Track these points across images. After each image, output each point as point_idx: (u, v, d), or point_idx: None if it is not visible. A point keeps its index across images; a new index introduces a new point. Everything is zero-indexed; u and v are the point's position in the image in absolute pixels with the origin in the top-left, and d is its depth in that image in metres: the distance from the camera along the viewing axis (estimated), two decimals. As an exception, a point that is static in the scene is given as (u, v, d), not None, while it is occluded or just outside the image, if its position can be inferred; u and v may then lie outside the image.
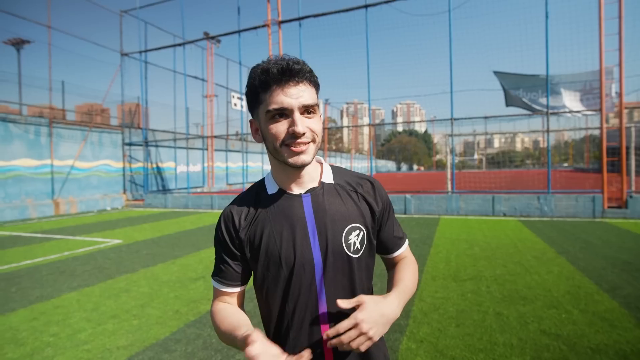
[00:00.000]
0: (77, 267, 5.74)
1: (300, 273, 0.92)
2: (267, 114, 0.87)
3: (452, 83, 11.86)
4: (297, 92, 0.86)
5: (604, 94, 9.99)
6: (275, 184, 0.99)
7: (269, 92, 0.87)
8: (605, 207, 9.72)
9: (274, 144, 0.89)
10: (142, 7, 17.23)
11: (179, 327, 3.41)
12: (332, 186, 1.00)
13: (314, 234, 0.93)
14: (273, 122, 0.87)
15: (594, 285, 4.25)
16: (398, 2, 12.21)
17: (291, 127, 0.86)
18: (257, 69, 0.89)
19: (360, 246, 0.97)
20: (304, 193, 0.97)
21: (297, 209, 0.95)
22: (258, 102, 0.90)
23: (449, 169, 12.53)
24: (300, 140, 0.87)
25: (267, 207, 0.97)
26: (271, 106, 0.86)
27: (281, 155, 0.89)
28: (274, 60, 0.89)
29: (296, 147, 0.87)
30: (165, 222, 10.86)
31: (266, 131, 0.89)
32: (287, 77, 0.86)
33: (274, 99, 0.86)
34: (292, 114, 0.86)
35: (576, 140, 49.37)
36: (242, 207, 1.00)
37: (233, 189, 22.85)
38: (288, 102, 0.85)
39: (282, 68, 0.86)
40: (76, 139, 15.25)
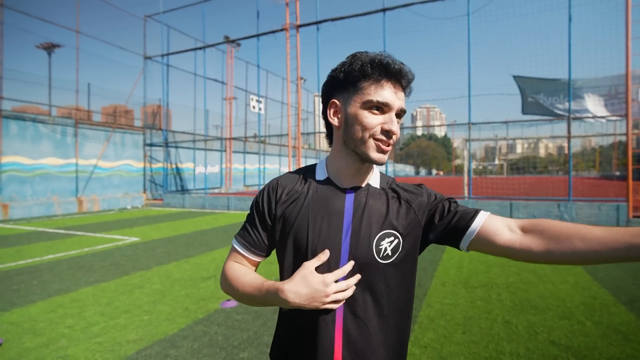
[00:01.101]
0: (95, 262, 5.94)
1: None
2: (366, 103, 0.88)
3: (470, 87, 11.68)
4: (401, 96, 0.91)
5: (630, 98, 9.62)
6: (325, 172, 1.00)
7: (378, 84, 0.88)
8: (630, 217, 9.34)
9: (362, 133, 0.89)
10: (165, 12, 17.75)
11: (187, 324, 3.50)
12: (377, 190, 1.00)
13: (347, 231, 0.92)
14: (369, 113, 0.89)
15: (610, 296, 4.10)
16: (416, 6, 12.14)
17: (387, 125, 0.88)
18: (368, 56, 0.90)
19: (391, 253, 0.92)
20: (349, 189, 0.97)
21: (338, 202, 0.95)
22: (355, 88, 0.90)
23: (466, 174, 12.32)
24: (390, 139, 0.90)
25: (311, 192, 0.97)
26: (376, 98, 0.87)
27: (364, 147, 0.90)
28: (387, 56, 0.90)
29: (385, 146, 0.89)
30: (182, 222, 11.11)
31: (357, 118, 0.89)
32: (400, 79, 0.89)
33: (381, 93, 0.87)
34: (391, 112, 0.89)
35: (604, 146, 47.65)
36: (287, 183, 1.01)
37: (250, 190, 23.13)
38: (393, 101, 0.88)
39: (402, 70, 0.89)
40: (100, 139, 15.80)
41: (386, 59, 0.89)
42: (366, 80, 0.88)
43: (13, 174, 12.67)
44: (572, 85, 10.70)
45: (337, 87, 0.94)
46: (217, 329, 3.40)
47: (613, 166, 37.60)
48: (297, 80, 14.81)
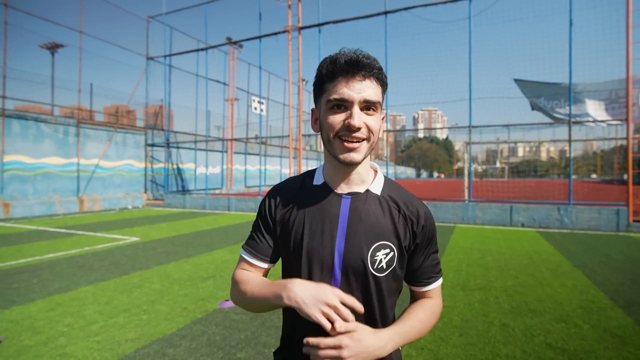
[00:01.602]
0: (95, 262, 5.97)
1: (317, 272, 0.90)
2: (327, 104, 0.87)
3: (471, 90, 11.70)
4: (361, 87, 0.85)
5: (631, 103, 9.63)
6: (322, 177, 0.99)
7: (334, 82, 0.86)
8: (630, 221, 9.33)
9: (328, 134, 0.88)
10: (167, 13, 17.83)
11: (185, 324, 3.52)
12: (377, 197, 0.96)
13: (341, 238, 0.90)
14: (331, 112, 0.87)
15: (608, 300, 4.11)
16: (418, 9, 12.19)
17: (347, 120, 0.85)
18: (327, 59, 0.89)
19: (385, 266, 0.91)
20: (345, 194, 0.94)
21: (334, 207, 0.93)
22: (322, 92, 0.90)
23: (467, 177, 12.32)
24: (355, 134, 0.85)
25: (307, 197, 0.97)
26: (332, 95, 0.85)
27: (333, 148, 0.88)
28: (345, 52, 0.88)
29: (349, 143, 0.86)
30: (182, 222, 11.13)
31: (323, 120, 0.89)
32: (354, 70, 0.85)
33: (336, 89, 0.85)
34: (352, 107, 0.85)
35: (605, 150, 47.58)
36: (286, 189, 1.01)
37: (251, 191, 23.16)
38: (349, 94, 0.84)
39: (351, 60, 0.85)
40: (101, 139, 15.86)
41: (339, 55, 0.87)
42: (328, 82, 0.88)
43: (15, 173, 12.73)
44: (572, 90, 10.71)
45: (315, 95, 0.94)
46: (215, 328, 3.41)
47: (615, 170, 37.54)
48: (298, 82, 14.85)
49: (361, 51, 0.88)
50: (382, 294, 0.92)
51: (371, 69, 0.86)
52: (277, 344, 3.10)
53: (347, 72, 0.85)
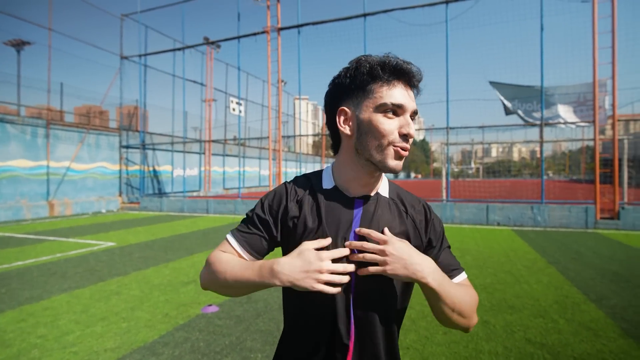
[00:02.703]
0: (68, 269, 5.73)
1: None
2: (378, 107, 0.84)
3: (448, 92, 11.99)
4: (413, 96, 0.87)
5: (597, 106, 10.11)
6: (332, 180, 0.95)
7: (389, 86, 0.84)
8: (598, 218, 9.79)
9: (379, 141, 0.84)
10: (143, 12, 17.37)
11: (167, 331, 3.42)
12: (386, 200, 0.95)
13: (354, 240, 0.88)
14: (385, 118, 0.84)
15: (581, 295, 4.29)
16: (396, 12, 12.37)
17: (404, 128, 0.83)
18: (375, 58, 0.85)
19: None
20: (357, 198, 0.92)
21: (346, 211, 0.91)
22: (365, 92, 0.86)
23: (444, 178, 12.60)
24: (408, 144, 0.85)
25: (318, 201, 0.92)
26: (390, 100, 0.83)
27: (382, 155, 0.85)
28: (395, 57, 0.86)
29: (403, 151, 0.85)
30: (159, 226, 10.85)
31: (372, 124, 0.84)
32: (411, 79, 0.85)
33: (394, 94, 0.83)
34: (405, 114, 0.84)
35: (573, 151, 49.75)
36: (295, 191, 0.96)
37: (230, 193, 22.84)
38: (408, 102, 0.84)
39: (412, 69, 0.85)
40: (73, 140, 15.25)
41: (395, 59, 0.86)
42: (376, 83, 0.84)
43: (-22, 177, 12.05)
44: (544, 92, 11.15)
45: (344, 93, 0.89)
46: (199, 334, 3.34)
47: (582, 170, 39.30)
48: (277, 83, 14.77)
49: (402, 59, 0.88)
50: (395, 297, 0.91)
51: (419, 83, 0.88)
52: (264, 349, 3.07)
53: (406, 79, 0.85)
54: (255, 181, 27.97)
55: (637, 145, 11.99)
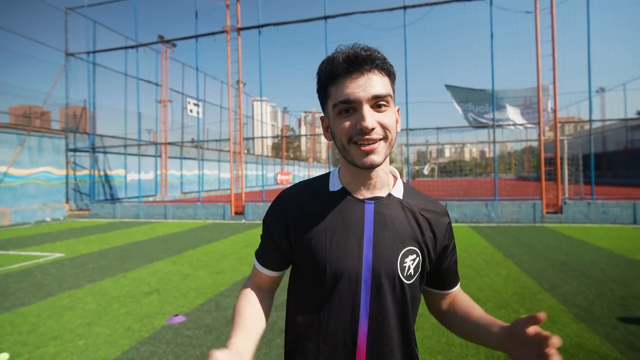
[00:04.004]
0: (10, 284, 5.20)
1: (345, 285, 0.84)
2: (334, 109, 0.80)
3: (407, 95, 12.40)
4: (366, 82, 0.78)
5: (542, 108, 10.92)
6: (339, 182, 0.91)
7: (336, 84, 0.80)
8: (544, 213, 10.56)
9: (341, 141, 0.81)
10: (90, 6, 16.29)
11: (131, 345, 3.20)
12: (400, 201, 0.91)
13: (368, 246, 0.85)
14: (340, 118, 0.80)
15: (537, 285, 4.58)
16: (356, 15, 12.58)
17: (359, 122, 0.77)
18: (324, 60, 0.82)
19: (414, 272, 0.87)
20: (368, 199, 0.88)
21: (357, 214, 0.86)
22: (326, 97, 0.83)
23: (405, 177, 12.99)
24: (369, 136, 0.78)
25: (325, 205, 0.89)
26: (337, 99, 0.79)
27: (349, 155, 0.81)
28: (342, 49, 0.81)
29: (365, 146, 0.78)
30: (114, 233, 10.20)
31: (334, 127, 0.82)
32: (354, 66, 0.78)
33: (340, 91, 0.79)
34: (360, 107, 0.77)
35: (517, 151, 53.44)
36: (298, 196, 0.92)
37: (188, 197, 22.02)
38: (355, 94, 0.77)
39: (349, 56, 0.78)
40: (11, 143, 13.94)
41: (336, 53, 0.80)
42: (331, 85, 0.81)
43: None
44: (495, 96, 11.86)
45: (320, 101, 0.88)
46: (166, 347, 3.16)
47: (526, 168, 42.31)
48: (237, 84, 14.47)
49: (359, 44, 0.81)
50: (413, 301, 0.88)
51: (373, 61, 0.79)
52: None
53: (347, 70, 0.78)
54: (214, 184, 27.19)
55: (574, 145, 13.08)
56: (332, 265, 0.84)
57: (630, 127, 25.82)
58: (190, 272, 5.64)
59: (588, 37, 10.95)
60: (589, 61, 10.95)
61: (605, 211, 10.12)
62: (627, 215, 9.94)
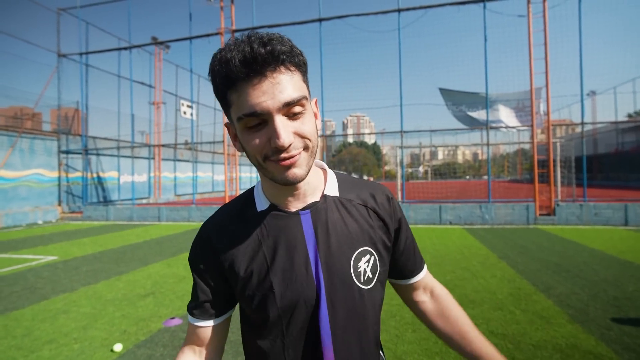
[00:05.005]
0: (2, 288, 5.13)
1: (300, 312, 0.74)
2: (239, 122, 0.66)
3: (402, 97, 12.46)
4: (272, 87, 0.63)
5: (535, 111, 11.05)
6: (265, 199, 0.79)
7: (236, 91, 0.64)
8: (537, 215, 10.67)
9: (257, 159, 0.68)
10: (83, 7, 16.16)
11: (127, 349, 3.17)
12: (337, 200, 0.80)
13: (316, 262, 0.74)
14: (248, 133, 0.66)
15: (531, 286, 4.63)
16: (350, 18, 12.65)
17: (273, 139, 0.64)
18: (216, 59, 0.65)
19: (371, 275, 0.79)
20: (302, 210, 0.77)
21: (294, 230, 0.76)
22: (227, 104, 0.68)
23: (399, 179, 13.05)
24: (288, 153, 0.65)
25: (256, 228, 0.77)
26: (242, 111, 0.64)
27: (268, 172, 0.69)
28: (236, 43, 0.64)
29: (284, 161, 0.66)
30: (107, 236, 10.10)
31: (243, 143, 0.69)
32: (255, 69, 0.62)
33: (243, 101, 0.64)
34: (271, 119, 0.64)
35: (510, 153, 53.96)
36: (223, 226, 0.79)
37: (182, 199, 21.88)
38: (261, 105, 0.62)
39: (245, 57, 0.62)
40: (1, 145, 13.74)
41: (230, 51, 0.63)
42: (229, 91, 0.66)
43: None
44: (488, 99, 11.98)
45: (222, 106, 0.71)
46: (163, 350, 3.13)
47: (518, 171, 42.72)
48: (233, 86, 14.43)
49: (257, 35, 0.64)
50: (374, 308, 0.80)
51: (277, 58, 0.63)
52: (237, 360, 2.95)
53: (246, 74, 0.62)
54: (208, 187, 27.06)
55: (566, 147, 13.26)
56: (283, 296, 0.73)
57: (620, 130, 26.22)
58: (186, 275, 5.60)
59: (580, 40, 11.12)
60: (580, 64, 11.11)
61: (597, 213, 10.26)
62: (618, 216, 10.08)
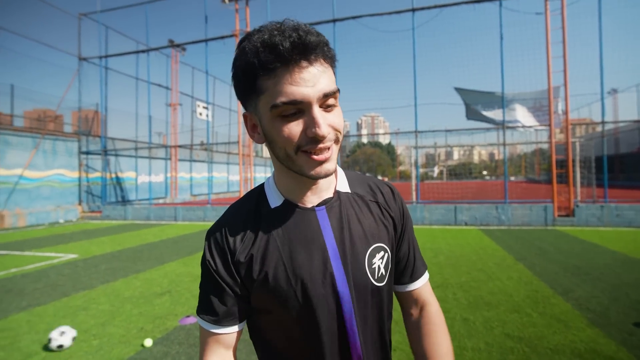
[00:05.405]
0: (26, 284, 5.31)
1: (323, 312, 0.71)
2: (272, 110, 0.63)
3: (416, 97, 12.35)
4: (314, 77, 0.62)
5: (552, 110, 10.80)
6: (279, 195, 0.76)
7: (274, 77, 0.62)
8: (556, 216, 10.42)
9: (286, 151, 0.66)
10: (102, 12, 16.60)
11: (144, 346, 3.24)
12: (350, 196, 0.79)
13: (335, 258, 0.72)
14: (282, 122, 0.64)
15: (549, 289, 4.52)
16: (364, 18, 12.61)
17: (310, 129, 0.63)
18: (254, 41, 0.62)
19: (385, 271, 0.77)
20: (317, 205, 0.75)
21: (312, 226, 0.73)
22: (256, 91, 0.65)
23: (414, 180, 12.93)
24: (324, 144, 0.64)
25: (271, 226, 0.74)
26: (279, 99, 0.62)
27: (296, 165, 0.67)
28: (276, 27, 0.62)
29: (318, 155, 0.65)
30: (125, 235, 10.33)
31: (273, 133, 0.66)
32: (300, 56, 0.61)
33: (281, 88, 0.62)
34: (310, 109, 0.63)
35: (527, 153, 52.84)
36: (235, 226, 0.75)
37: (197, 199, 22.21)
38: (304, 94, 0.61)
39: (295, 42, 0.60)
40: (26, 146, 14.24)
41: (274, 35, 0.61)
42: (265, 77, 0.63)
43: None
44: (505, 98, 11.76)
45: (242, 94, 0.69)
46: (179, 348, 3.19)
47: (536, 171, 41.78)
48: (247, 87, 14.57)
49: (293, 21, 0.64)
50: (389, 303, 0.79)
51: (322, 48, 0.64)
52: (249, 359, 2.98)
53: (290, 59, 0.61)
54: (223, 187, 27.37)
55: (586, 147, 12.90)
56: (305, 295, 0.71)
57: (644, 129, 25.34)
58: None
59: (600, 37, 10.82)
60: (601, 62, 10.80)
61: (619, 214, 9.95)
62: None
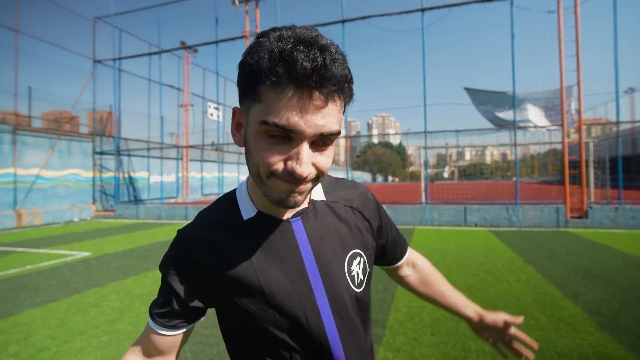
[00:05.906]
0: (41, 281, 5.46)
1: (302, 325, 0.68)
2: (261, 125, 0.56)
3: (425, 97, 12.28)
4: (319, 112, 0.55)
5: (565, 110, 10.61)
6: (252, 205, 0.72)
7: (278, 93, 0.54)
8: (568, 217, 10.23)
9: (259, 170, 0.60)
10: (117, 15, 16.93)
11: (151, 342, 3.31)
12: (325, 204, 0.77)
13: (314, 271, 0.69)
14: (268, 142, 0.57)
15: (558, 292, 4.46)
16: (373, 19, 12.59)
17: (291, 162, 0.57)
18: (274, 44, 0.54)
19: (363, 276, 0.76)
20: (292, 217, 0.71)
21: (287, 239, 0.70)
22: (253, 96, 0.57)
23: (423, 181, 12.85)
24: (302, 183, 0.60)
25: (243, 239, 0.69)
26: (273, 118, 0.54)
27: (265, 187, 0.61)
28: (305, 38, 0.54)
29: (290, 184, 0.59)
30: (137, 234, 10.52)
31: (254, 147, 0.59)
32: (316, 84, 0.53)
33: (281, 109, 0.54)
34: (300, 142, 0.56)
35: (540, 153, 51.96)
36: (205, 237, 0.70)
37: (208, 199, 22.45)
38: (300, 126, 0.54)
39: (316, 67, 0.52)
40: (43, 147, 14.62)
41: (296, 48, 0.52)
42: (265, 85, 0.55)
43: (-63, 186, 11.35)
44: (516, 98, 11.60)
45: (242, 90, 0.61)
46: (185, 345, 3.25)
47: (549, 172, 41.05)
48: (257, 88, 14.69)
49: (324, 39, 0.56)
50: (367, 310, 0.79)
51: (340, 83, 0.55)
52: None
53: (302, 83, 0.53)
54: (234, 187, 27.57)
55: (600, 147, 12.64)
56: (284, 314, 0.67)
57: (662, 129, 24.67)
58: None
59: (615, 35, 10.59)
60: (615, 60, 10.57)
61: (635, 216, 9.72)
62: (658, 220, 9.52)
